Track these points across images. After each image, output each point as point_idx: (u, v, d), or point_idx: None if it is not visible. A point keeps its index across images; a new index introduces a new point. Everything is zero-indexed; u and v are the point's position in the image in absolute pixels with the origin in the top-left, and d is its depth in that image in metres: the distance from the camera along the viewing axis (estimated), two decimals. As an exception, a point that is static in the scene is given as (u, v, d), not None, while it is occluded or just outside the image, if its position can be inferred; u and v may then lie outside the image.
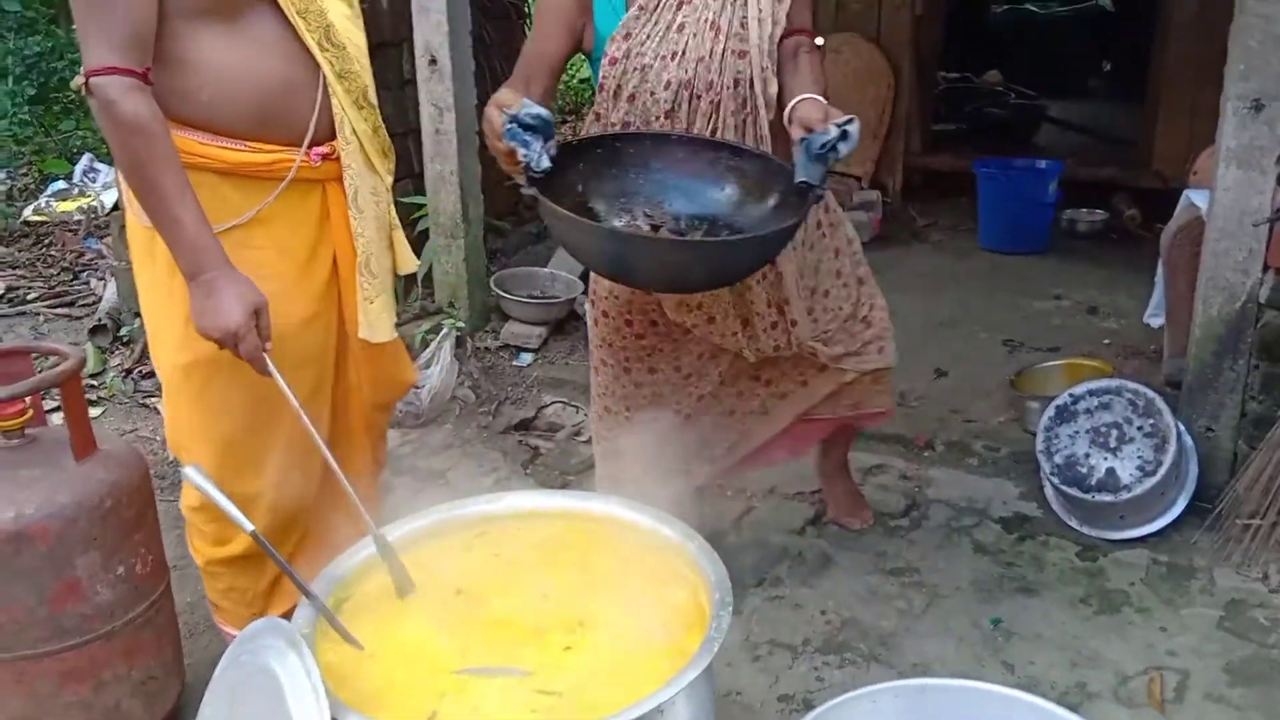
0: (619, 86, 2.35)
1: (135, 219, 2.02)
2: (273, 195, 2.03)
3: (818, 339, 2.60)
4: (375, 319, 2.20)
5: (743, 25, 2.31)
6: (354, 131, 2.09)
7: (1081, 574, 2.93)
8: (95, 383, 4.10)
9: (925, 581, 2.90)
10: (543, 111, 2.08)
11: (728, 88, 2.31)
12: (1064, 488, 3.08)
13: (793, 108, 2.18)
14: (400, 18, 4.58)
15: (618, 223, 2.25)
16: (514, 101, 2.09)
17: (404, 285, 4.63)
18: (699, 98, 2.32)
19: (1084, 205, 5.80)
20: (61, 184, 5.96)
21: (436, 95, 4.24)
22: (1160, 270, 3.81)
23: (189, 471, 1.74)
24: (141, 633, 2.21)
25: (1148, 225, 5.54)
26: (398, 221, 2.31)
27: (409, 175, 4.90)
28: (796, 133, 2.13)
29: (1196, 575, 2.91)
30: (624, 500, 1.97)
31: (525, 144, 2.06)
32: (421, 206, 4.50)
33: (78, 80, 1.83)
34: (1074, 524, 3.12)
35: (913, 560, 3.00)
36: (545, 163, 2.07)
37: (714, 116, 2.33)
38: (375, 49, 4.50)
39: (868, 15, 6.18)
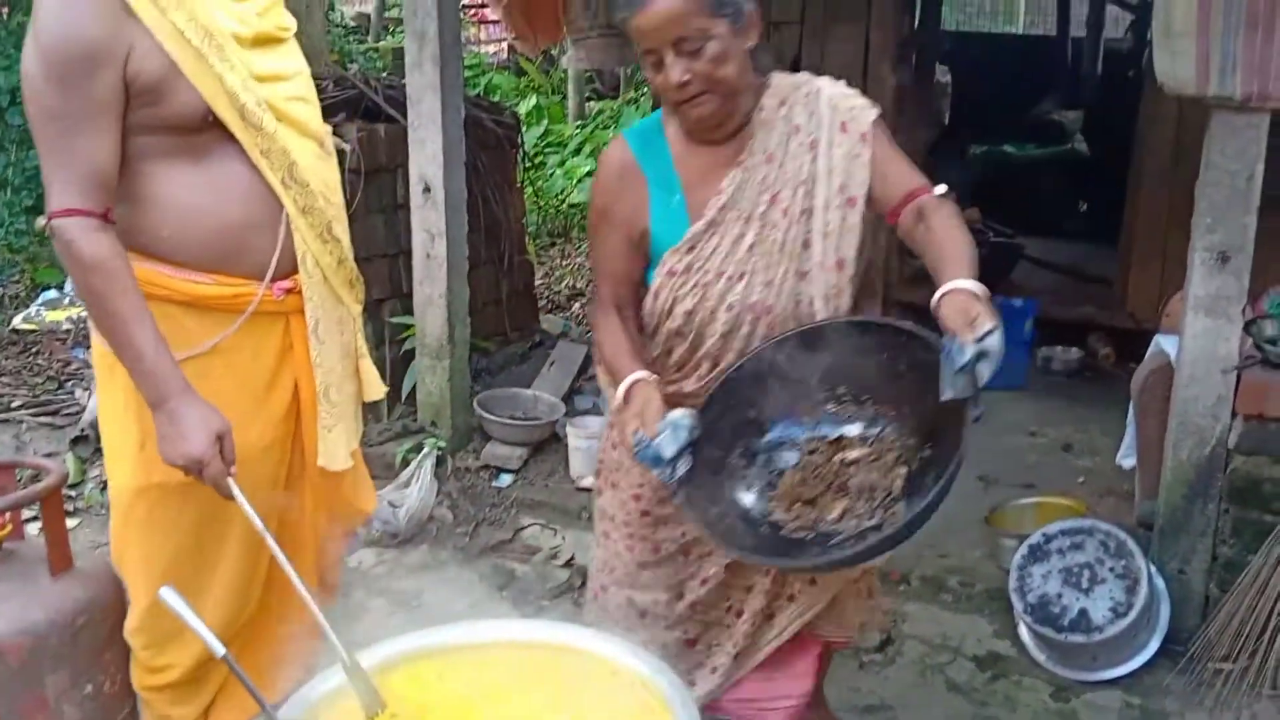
0: (674, 301, 2.17)
1: (98, 342, 2.05)
2: (233, 327, 2.05)
3: None
4: (333, 447, 2.21)
5: (805, 245, 2.12)
6: (317, 264, 2.11)
7: (1054, 716, 2.93)
8: (73, 493, 4.10)
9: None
10: (681, 430, 1.95)
11: (787, 310, 2.13)
12: (1037, 627, 3.09)
13: (938, 302, 1.86)
14: (396, 145, 4.72)
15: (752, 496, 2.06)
16: (650, 418, 1.98)
17: (387, 403, 4.68)
18: (759, 320, 2.14)
19: (1060, 343, 5.90)
20: (53, 293, 6.03)
21: (429, 222, 4.35)
22: (1131, 412, 3.88)
23: (164, 593, 1.73)
24: (104, 753, 2.19)
25: (1121, 364, 5.63)
26: (365, 349, 2.34)
27: (398, 295, 4.98)
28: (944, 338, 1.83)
29: (1169, 718, 2.90)
30: (598, 634, 1.96)
31: (658, 463, 1.96)
32: (409, 327, 4.57)
33: (41, 220, 1.90)
34: (1047, 664, 3.13)
35: (887, 698, 2.99)
36: (682, 470, 1.96)
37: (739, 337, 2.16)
38: (371, 174, 4.69)
39: (851, 154, 6.35)
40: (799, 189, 2.12)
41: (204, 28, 1.92)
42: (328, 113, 4.60)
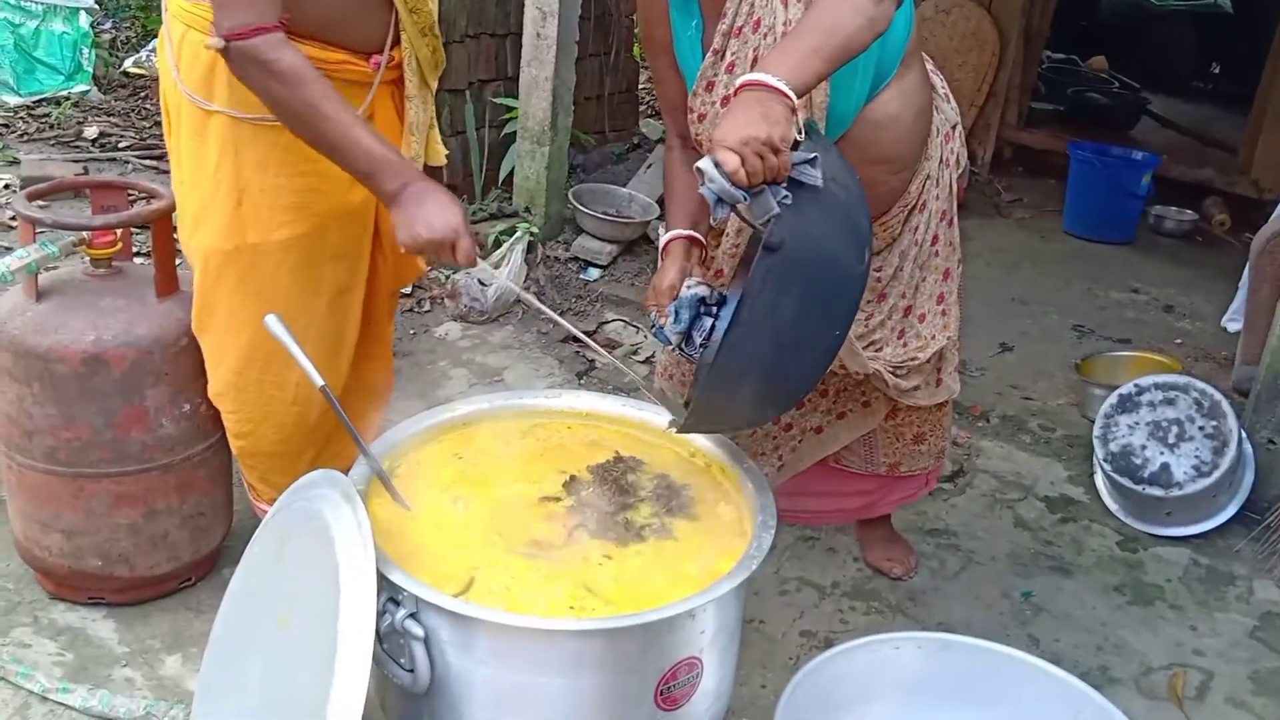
0: (698, 139, 2.10)
1: (186, 98, 1.99)
2: (364, 103, 2.03)
3: (899, 370, 2.28)
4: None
5: None
6: (415, 57, 2.11)
7: (1119, 563, 2.92)
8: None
9: (962, 546, 2.91)
10: (685, 311, 1.91)
11: None
12: (1115, 476, 3.06)
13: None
14: (517, -84, 4.57)
15: None
16: (664, 295, 1.94)
17: (483, 184, 4.66)
18: None
19: (1174, 204, 5.69)
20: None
21: (543, 0, 4.22)
22: (1246, 275, 3.74)
23: (269, 320, 1.76)
24: (197, 470, 2.28)
25: (1236, 233, 5.43)
26: (435, 121, 2.31)
27: (502, 78, 4.90)
28: None
29: (1235, 582, 2.88)
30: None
31: (668, 343, 1.94)
32: (512, 109, 4.50)
33: (214, 41, 1.79)
34: (1119, 514, 3.10)
35: (952, 524, 3.00)
36: (698, 343, 1.91)
37: None
38: (488, -51, 4.51)
39: (983, -21, 6.05)
40: None
41: None
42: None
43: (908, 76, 2.02)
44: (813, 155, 1.61)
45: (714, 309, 1.92)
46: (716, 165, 1.50)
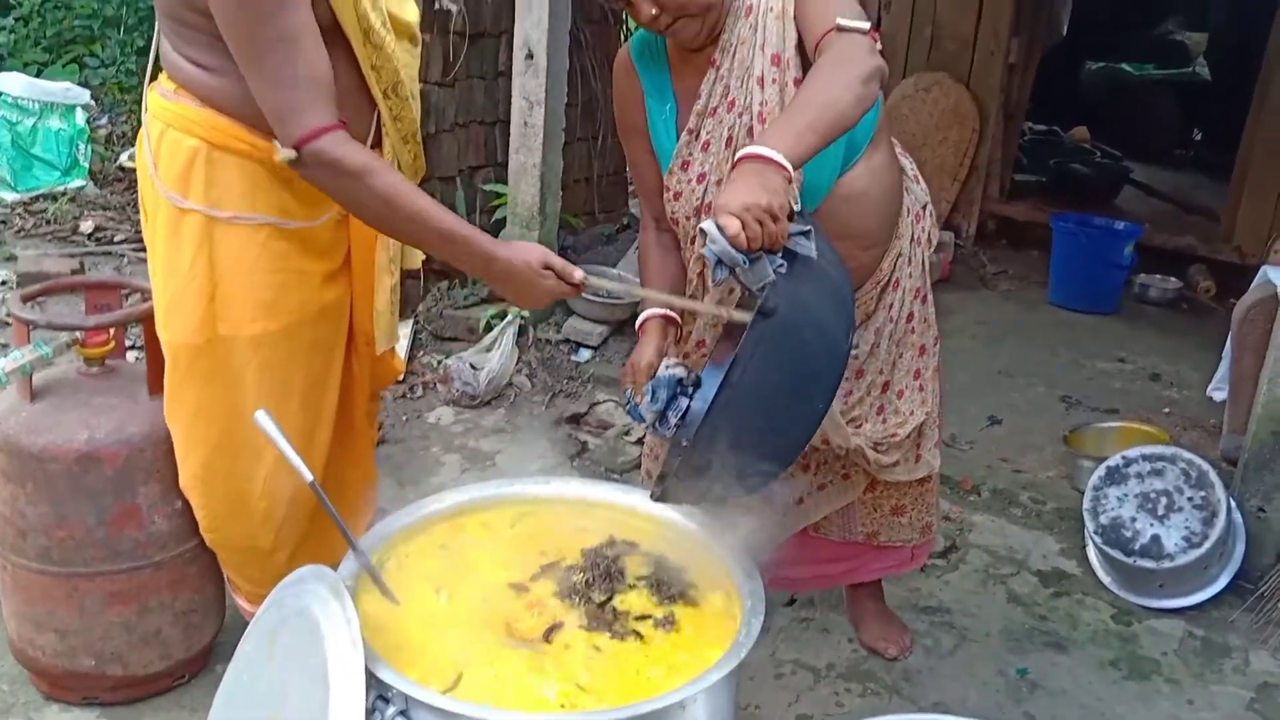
0: (673, 212, 2.17)
1: (162, 195, 2.02)
2: (320, 219, 2.08)
3: (879, 446, 2.31)
4: (387, 327, 2.27)
5: (749, 133, 2.02)
6: (397, 163, 2.15)
7: (1114, 637, 2.92)
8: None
9: (956, 623, 2.91)
10: (661, 391, 1.96)
11: None
12: (1106, 548, 3.07)
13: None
14: (501, 10, 4.69)
15: None
16: (639, 374, 2.03)
17: (474, 270, 4.71)
18: None
19: (1158, 272, 5.75)
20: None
21: (529, 89, 4.31)
22: (1229, 344, 3.77)
23: (259, 416, 1.77)
24: (189, 566, 2.29)
25: (1221, 299, 5.48)
26: None
27: (492, 164, 4.99)
28: None
29: (1231, 654, 2.88)
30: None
31: (642, 421, 2.01)
32: (501, 195, 4.58)
33: (285, 153, 1.82)
34: (1112, 587, 3.11)
35: (946, 601, 3.00)
36: (672, 422, 1.95)
37: None
38: (474, 38, 4.65)
39: (961, 57, 6.18)
40: (744, 74, 2.03)
41: None
42: (437, -29, 4.59)
43: (876, 155, 2.10)
44: (807, 227, 1.68)
45: (689, 390, 1.96)
46: (719, 228, 1.57)
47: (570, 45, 4.50)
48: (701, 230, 1.59)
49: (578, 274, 1.91)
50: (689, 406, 1.95)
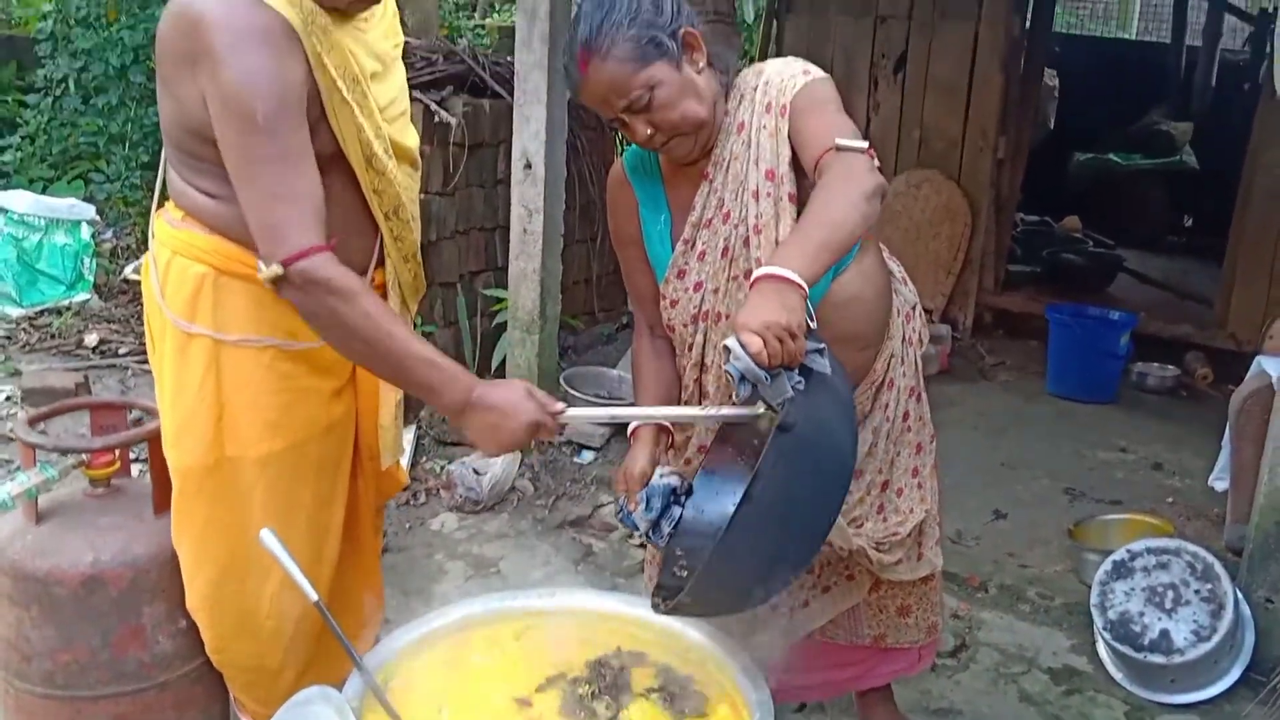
0: (669, 319, 2.20)
1: (169, 321, 2.04)
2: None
3: (881, 546, 2.30)
4: (391, 442, 2.27)
5: (745, 244, 2.06)
6: (398, 282, 2.19)
7: (1128, 734, 2.89)
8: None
9: (967, 724, 2.88)
10: (655, 500, 1.99)
11: (732, 316, 2.04)
12: (1116, 644, 3.05)
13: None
14: (500, 121, 4.81)
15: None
16: (633, 483, 2.03)
17: (476, 373, 4.75)
18: (710, 330, 2.14)
19: (1156, 359, 5.78)
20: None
21: (528, 198, 4.40)
22: (1228, 434, 3.79)
23: (264, 535, 1.79)
24: (194, 686, 2.27)
25: (1219, 386, 5.51)
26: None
27: (492, 268, 5.07)
28: None
29: (1246, 749, 2.85)
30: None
31: (636, 530, 2.02)
32: (502, 300, 4.63)
33: (270, 270, 1.81)
34: (1124, 682, 3.08)
35: (957, 702, 2.97)
36: (665, 532, 1.97)
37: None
38: (474, 148, 4.76)
39: (950, 155, 6.30)
40: (739, 189, 2.07)
41: (353, 74, 1.95)
42: (436, 86, 4.72)
43: (866, 259, 2.15)
44: (821, 345, 1.73)
45: (683, 498, 1.98)
46: (742, 345, 1.60)
47: (567, 153, 4.60)
48: (725, 347, 1.63)
49: (558, 405, 1.87)
50: (682, 515, 1.96)
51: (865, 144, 1.90)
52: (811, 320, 1.70)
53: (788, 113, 2.03)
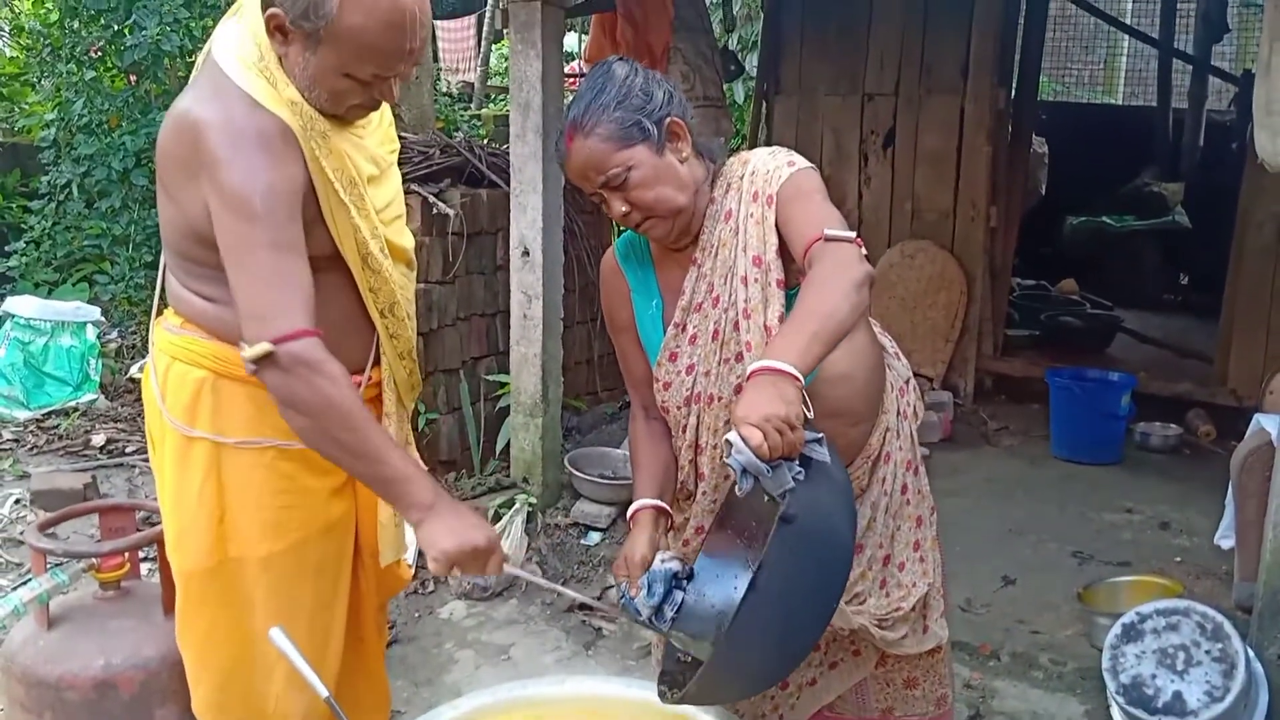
0: (664, 407, 2.22)
1: (170, 425, 2.07)
2: None
3: (884, 622, 2.31)
4: (391, 539, 2.29)
5: (735, 327, 2.10)
6: (393, 380, 2.23)
7: (1147, 801, 2.86)
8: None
9: (985, 797, 2.86)
10: (657, 586, 2.01)
11: (724, 398, 2.13)
12: (1130, 709, 3.03)
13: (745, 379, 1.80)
14: (498, 209, 4.90)
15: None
16: (634, 569, 2.05)
17: (480, 458, 4.78)
18: (704, 411, 2.16)
19: (1158, 418, 5.80)
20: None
21: (527, 284, 4.47)
22: (1230, 492, 3.80)
23: (274, 634, 1.81)
24: (207, 789, 2.27)
25: (1222, 442, 5.52)
26: (412, 439, 2.40)
27: (494, 353, 5.13)
28: None
29: (1268, 811, 2.82)
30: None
31: (638, 616, 2.04)
32: (505, 384, 4.68)
33: (256, 349, 1.82)
34: (1140, 747, 3.05)
35: (973, 774, 2.95)
36: (669, 616, 2.00)
37: (720, 430, 2.14)
38: (472, 237, 4.85)
39: (943, 225, 6.39)
40: (728, 274, 2.12)
41: (350, 177, 2.01)
42: (434, 179, 4.82)
43: (857, 336, 2.18)
44: (819, 435, 1.76)
45: (684, 583, 2.00)
46: (743, 439, 1.63)
47: (565, 237, 4.67)
48: (727, 441, 1.66)
49: (498, 568, 1.93)
50: (683, 600, 1.98)
51: (853, 234, 1.96)
52: (809, 410, 1.74)
53: (774, 202, 2.09)
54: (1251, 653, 3.05)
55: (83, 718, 2.13)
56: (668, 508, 2.19)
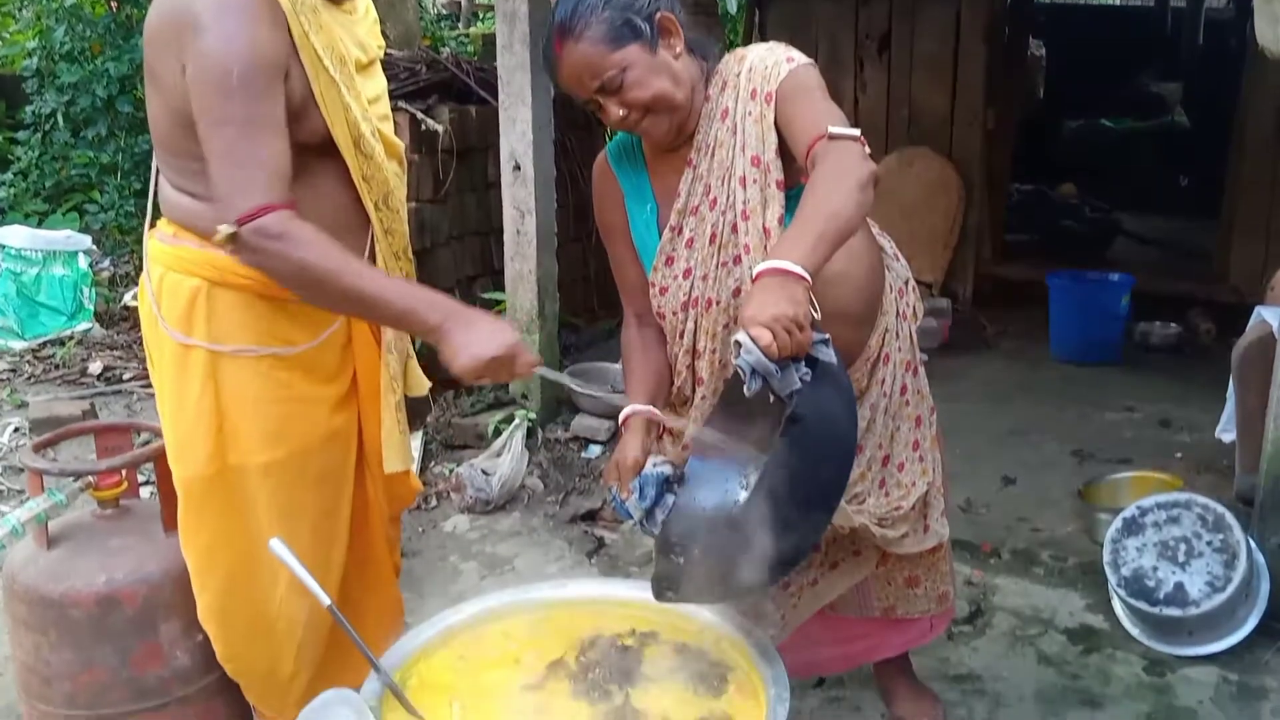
0: (659, 306, 2.21)
1: (166, 334, 2.05)
2: (322, 336, 2.11)
3: (884, 521, 2.31)
4: (396, 449, 2.26)
5: (733, 230, 2.08)
6: None
7: (1148, 689, 2.89)
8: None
9: (988, 689, 2.88)
10: (649, 488, 2.01)
11: (723, 301, 2.12)
12: (1131, 600, 3.05)
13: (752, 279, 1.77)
14: (487, 125, 4.81)
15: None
16: (625, 472, 2.05)
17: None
18: (701, 316, 2.15)
19: (1158, 319, 5.78)
20: (159, 271, 6.23)
21: (519, 199, 4.42)
22: (1232, 385, 3.79)
23: (274, 544, 1.80)
24: (214, 699, 2.29)
25: (1223, 340, 5.49)
26: (413, 350, 2.37)
27: (489, 272, 5.09)
28: None
29: (1268, 696, 2.85)
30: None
31: (630, 518, 2.04)
32: (500, 302, 4.65)
33: (224, 230, 1.82)
34: (1141, 638, 3.08)
35: (976, 668, 2.98)
36: (659, 520, 1.99)
37: (719, 334, 2.15)
38: (463, 154, 4.78)
39: (940, 131, 6.31)
40: (725, 174, 2.09)
41: (340, 55, 1.97)
42: (421, 95, 4.73)
43: (855, 237, 2.14)
44: (826, 336, 1.75)
45: (675, 486, 2.00)
46: (752, 340, 1.63)
47: (557, 152, 4.61)
48: (736, 342, 1.65)
49: (529, 368, 1.91)
50: (675, 503, 1.98)
51: (857, 131, 1.91)
52: (816, 311, 1.71)
53: (774, 100, 2.04)
54: (1253, 543, 3.07)
55: (87, 634, 2.13)
56: (659, 413, 2.18)
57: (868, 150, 1.92)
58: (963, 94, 6.22)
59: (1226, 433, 3.80)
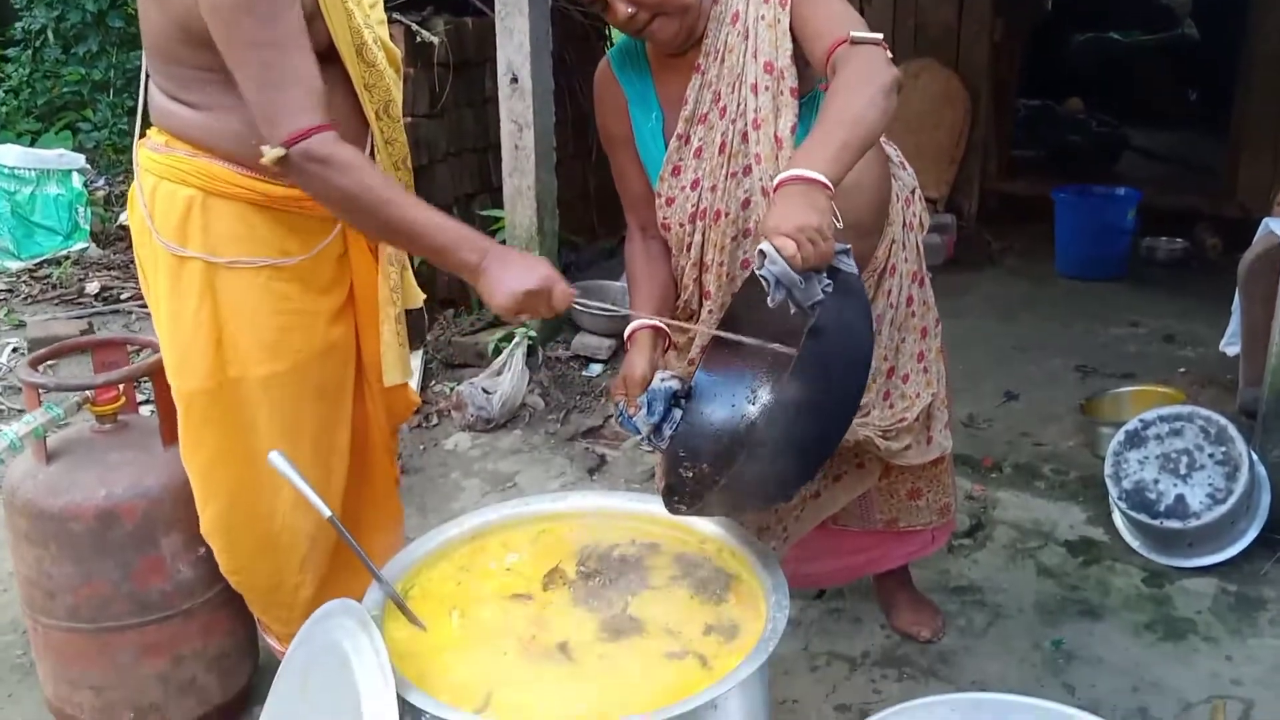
0: (664, 218, 2.18)
1: (161, 247, 2.03)
2: (319, 246, 2.09)
3: (888, 433, 2.30)
4: (394, 360, 2.26)
5: (743, 139, 2.04)
6: None
7: (1147, 600, 2.90)
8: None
9: (988, 601, 2.90)
10: (658, 404, 2.00)
11: (731, 213, 2.09)
12: (1132, 513, 3.06)
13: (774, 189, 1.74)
14: (484, 38, 4.71)
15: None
16: (632, 387, 2.02)
17: (479, 295, 4.74)
18: (709, 228, 2.12)
19: (1165, 234, 5.73)
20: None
21: (517, 112, 4.34)
22: (1237, 298, 3.76)
23: (273, 456, 1.79)
24: (218, 612, 2.31)
25: (1229, 255, 5.45)
26: (408, 261, 2.35)
27: (487, 189, 5.02)
28: None
29: (1266, 606, 2.86)
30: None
31: (638, 433, 2.02)
32: (499, 219, 4.60)
33: (273, 152, 1.81)
34: (1141, 550, 3.09)
35: (976, 580, 2.99)
36: (667, 435, 1.99)
37: (727, 247, 2.13)
38: (459, 68, 4.68)
39: (946, 42, 6.19)
40: (735, 81, 2.03)
41: None
42: (416, 6, 4.63)
43: None
44: (847, 246, 1.71)
45: (683, 401, 1.99)
46: (776, 250, 1.59)
47: (555, 66, 4.52)
48: (760, 252, 1.61)
49: (566, 300, 1.89)
50: (683, 418, 1.98)
51: (879, 36, 1.86)
52: (839, 221, 1.68)
53: (789, 3, 1.99)
54: (1255, 455, 3.06)
55: (88, 547, 2.14)
56: (665, 328, 2.15)
57: (890, 55, 1.86)
58: (969, 4, 6.09)
59: (1231, 346, 3.78)
